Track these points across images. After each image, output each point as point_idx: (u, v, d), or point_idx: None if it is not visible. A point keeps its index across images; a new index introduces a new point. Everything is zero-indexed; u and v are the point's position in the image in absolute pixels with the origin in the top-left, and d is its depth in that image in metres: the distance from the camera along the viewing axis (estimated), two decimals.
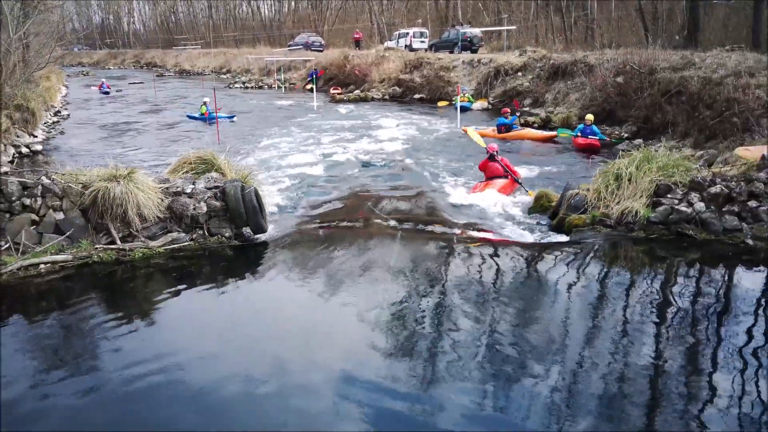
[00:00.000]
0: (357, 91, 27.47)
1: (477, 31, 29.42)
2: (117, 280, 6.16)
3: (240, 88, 34.86)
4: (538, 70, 20.55)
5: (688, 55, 14.75)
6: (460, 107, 18.00)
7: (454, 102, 19.12)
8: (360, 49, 35.44)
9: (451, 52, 28.08)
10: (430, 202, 9.20)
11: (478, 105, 21.16)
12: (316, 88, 26.18)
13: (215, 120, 16.27)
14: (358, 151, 13.82)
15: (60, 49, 21.68)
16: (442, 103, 22.82)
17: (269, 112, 22.76)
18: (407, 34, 33.13)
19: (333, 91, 28.37)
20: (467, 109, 20.30)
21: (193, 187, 7.26)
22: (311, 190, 10.27)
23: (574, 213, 7.51)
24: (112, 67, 64.62)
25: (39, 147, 14.29)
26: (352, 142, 15.09)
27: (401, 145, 14.64)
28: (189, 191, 7.18)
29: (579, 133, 13.36)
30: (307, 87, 29.07)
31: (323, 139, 15.61)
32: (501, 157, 9.83)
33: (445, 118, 19.02)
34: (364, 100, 26.17)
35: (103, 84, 32.60)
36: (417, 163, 12.38)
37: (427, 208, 8.92)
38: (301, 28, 52.12)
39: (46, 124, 18.18)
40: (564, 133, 14.27)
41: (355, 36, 39.06)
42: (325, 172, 11.75)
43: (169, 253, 6.74)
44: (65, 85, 33.68)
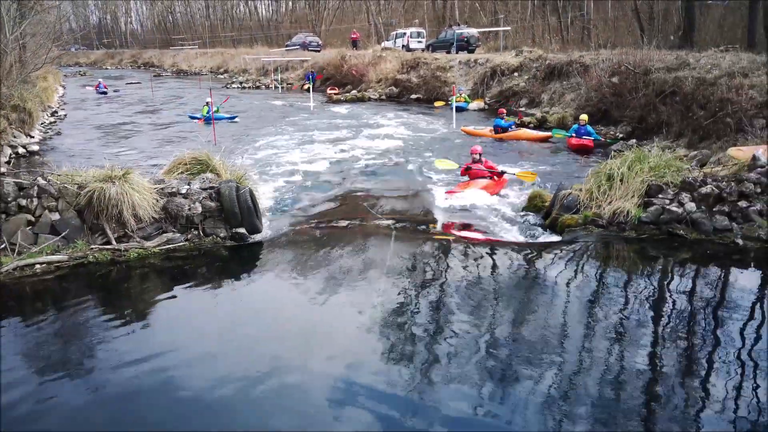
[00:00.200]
0: (354, 92, 27.51)
1: (474, 32, 29.46)
2: (112, 280, 6.21)
3: (237, 88, 34.88)
4: (534, 70, 20.64)
5: (683, 56, 14.82)
6: (456, 107, 18.05)
7: (450, 102, 19.16)
8: (357, 49, 35.45)
9: (448, 53, 28.13)
10: (425, 202, 9.26)
11: (475, 105, 21.22)
12: (313, 89, 26.21)
13: (212, 120, 16.30)
14: (353, 152, 13.88)
15: (57, 49, 21.68)
16: (438, 103, 22.87)
17: (266, 112, 22.79)
18: (404, 34, 33.14)
19: (330, 91, 28.42)
20: (463, 109, 20.36)
21: (188, 187, 7.30)
22: (306, 190, 10.32)
23: (567, 213, 7.57)
24: (109, 67, 64.60)
25: (36, 147, 14.31)
26: (348, 143, 15.13)
27: (397, 145, 14.69)
28: (184, 192, 7.22)
29: (573, 133, 13.43)
30: (305, 87, 29.11)
31: (319, 140, 15.66)
32: (485, 160, 9.90)
33: (442, 119, 19.08)
34: (361, 100, 26.21)
35: (99, 84, 32.55)
36: (412, 163, 12.43)
37: (421, 208, 8.98)
38: (299, 28, 52.12)
39: (43, 124, 18.20)
40: (559, 133, 14.34)
41: (352, 36, 39.07)
42: (321, 172, 11.80)
43: (164, 254, 6.78)
44: (62, 86, 33.70)
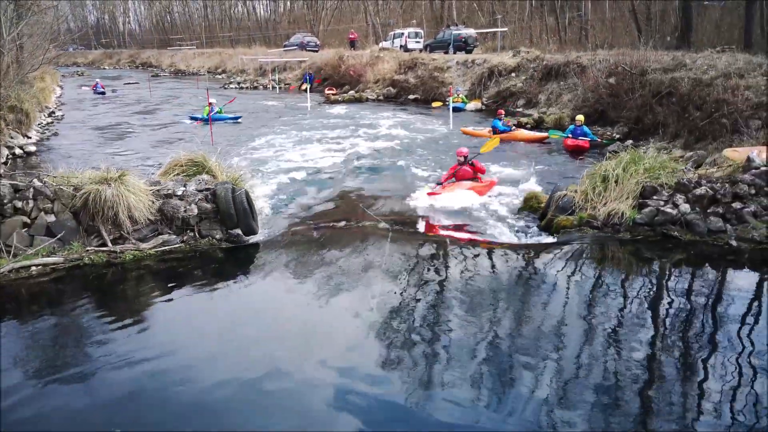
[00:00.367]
0: (351, 92, 27.51)
1: (472, 32, 29.49)
2: (108, 282, 6.22)
3: (235, 88, 34.86)
4: (531, 70, 20.68)
5: (679, 56, 14.86)
6: (453, 108, 18.07)
7: (447, 103, 19.19)
8: (355, 49, 35.47)
9: (446, 53, 28.17)
10: (421, 203, 9.25)
11: (472, 106, 21.24)
12: (311, 89, 26.22)
13: (209, 121, 16.29)
14: (350, 152, 13.88)
15: (54, 50, 21.68)
16: (436, 104, 22.87)
17: (263, 112, 22.79)
18: (402, 34, 33.16)
19: (327, 91, 28.41)
20: (461, 109, 20.39)
21: (184, 189, 7.31)
22: (303, 191, 10.34)
23: (562, 214, 7.59)
24: (107, 67, 64.50)
25: (33, 148, 14.30)
26: (345, 143, 15.14)
27: (394, 145, 14.70)
28: (180, 193, 7.24)
29: (570, 134, 13.45)
30: (302, 88, 29.12)
31: (316, 140, 15.66)
32: (476, 161, 9.87)
33: (439, 119, 19.08)
34: (359, 100, 26.21)
35: (97, 84, 32.46)
36: (409, 163, 12.44)
37: (417, 208, 8.99)
38: (297, 28, 52.13)
39: (40, 125, 18.19)
40: (555, 134, 14.35)
41: (350, 36, 39.09)
42: (317, 173, 11.82)
43: (159, 255, 6.79)
44: (60, 86, 33.67)
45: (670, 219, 7.07)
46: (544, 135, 14.77)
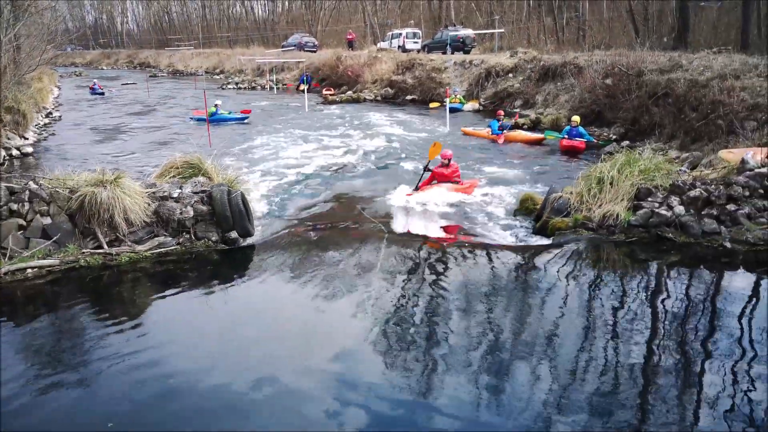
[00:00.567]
0: (349, 92, 27.54)
1: (470, 32, 29.53)
2: (104, 284, 6.23)
3: (233, 88, 34.88)
4: (528, 71, 20.68)
5: (676, 57, 14.89)
6: (451, 108, 18.10)
7: (445, 103, 19.22)
8: (353, 49, 35.49)
9: (443, 53, 28.20)
10: (418, 203, 9.27)
11: (470, 106, 21.27)
12: (308, 89, 26.22)
13: (206, 122, 16.26)
14: (347, 153, 13.91)
15: (52, 50, 21.63)
16: (433, 105, 22.91)
17: (261, 113, 22.78)
18: (400, 34, 33.20)
19: (325, 92, 28.43)
20: (458, 110, 20.42)
21: (179, 191, 7.32)
22: (298, 193, 10.35)
23: (558, 216, 7.61)
24: (105, 67, 64.47)
25: (30, 149, 14.30)
26: (342, 144, 15.15)
27: (391, 146, 14.73)
28: (176, 196, 7.25)
29: (566, 135, 13.48)
30: (300, 88, 29.12)
31: (312, 141, 15.67)
32: (455, 165, 9.88)
33: (437, 120, 19.11)
34: (356, 101, 26.22)
35: (94, 85, 32.38)
36: (406, 164, 12.46)
37: (414, 209, 9.00)
38: (295, 28, 52.10)
39: (38, 126, 18.16)
40: (551, 135, 14.38)
41: (348, 36, 39.08)
42: (313, 174, 11.82)
43: (155, 258, 6.80)
44: (57, 86, 33.62)
45: (665, 221, 7.10)
46: (541, 136, 14.78)
